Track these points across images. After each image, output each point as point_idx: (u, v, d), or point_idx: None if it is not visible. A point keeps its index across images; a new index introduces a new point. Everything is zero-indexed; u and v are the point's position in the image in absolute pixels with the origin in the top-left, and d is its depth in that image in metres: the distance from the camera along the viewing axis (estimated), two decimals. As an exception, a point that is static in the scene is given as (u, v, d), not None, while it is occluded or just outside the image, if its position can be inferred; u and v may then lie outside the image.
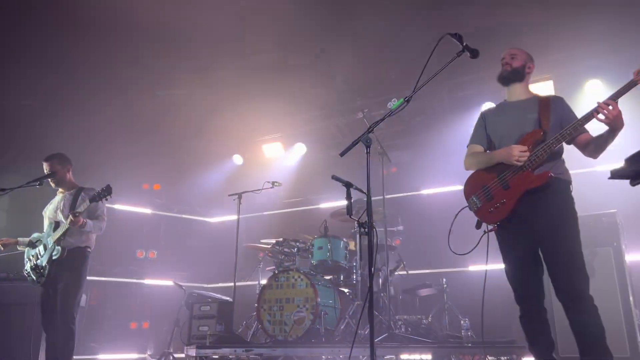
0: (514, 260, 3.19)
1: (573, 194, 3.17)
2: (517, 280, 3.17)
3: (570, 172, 3.24)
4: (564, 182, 3.15)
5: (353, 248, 6.06)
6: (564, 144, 3.16)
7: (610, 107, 2.84)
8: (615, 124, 2.89)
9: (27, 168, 6.62)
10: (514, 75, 3.36)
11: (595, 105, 2.90)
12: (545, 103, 3.23)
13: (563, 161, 3.23)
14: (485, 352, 4.23)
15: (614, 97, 2.87)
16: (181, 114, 7.90)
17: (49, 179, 4.69)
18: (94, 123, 7.38)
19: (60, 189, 4.81)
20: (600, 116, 2.88)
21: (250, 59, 6.88)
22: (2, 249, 4.73)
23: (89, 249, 4.64)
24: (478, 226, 3.28)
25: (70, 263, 4.47)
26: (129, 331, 7.80)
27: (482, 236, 3.19)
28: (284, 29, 6.35)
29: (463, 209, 3.40)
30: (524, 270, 3.14)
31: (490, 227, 3.22)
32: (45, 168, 4.73)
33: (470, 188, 3.35)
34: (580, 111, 3.23)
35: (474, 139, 3.54)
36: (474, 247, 3.21)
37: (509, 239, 3.21)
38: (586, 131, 3.12)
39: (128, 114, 7.51)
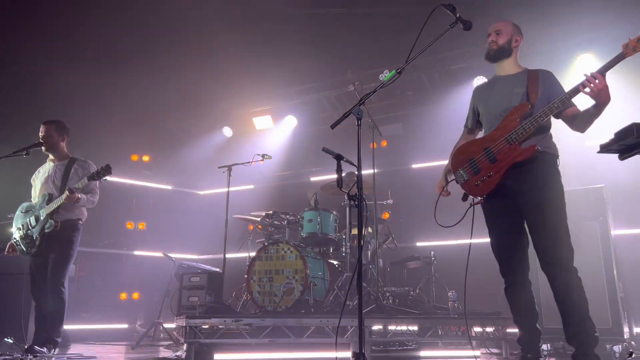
0: (500, 232, 3.23)
1: (561, 168, 3.19)
2: (502, 252, 3.22)
3: (559, 146, 3.25)
4: (550, 156, 3.17)
5: (342, 221, 6.09)
6: (552, 119, 3.17)
7: (597, 81, 2.83)
8: (601, 98, 2.88)
9: (14, 138, 6.55)
10: (501, 52, 3.35)
11: (583, 78, 2.89)
12: (533, 76, 3.22)
13: (550, 135, 3.24)
14: (471, 324, 4.31)
15: (602, 71, 2.86)
16: (171, 85, 7.80)
17: (41, 145, 4.62)
18: (83, 93, 7.28)
19: (51, 157, 4.75)
20: (587, 89, 2.87)
21: (241, 30, 6.76)
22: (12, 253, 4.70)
23: (80, 221, 4.63)
24: (464, 198, 3.31)
25: (62, 235, 4.47)
26: (118, 302, 7.83)
27: (467, 209, 3.22)
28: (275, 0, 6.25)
29: (450, 181, 3.42)
30: (509, 242, 3.19)
31: (476, 199, 3.24)
32: (41, 131, 4.67)
33: (457, 161, 3.37)
34: (572, 85, 3.23)
35: (467, 122, 3.62)
36: (460, 220, 3.23)
37: (494, 211, 3.25)
38: (573, 105, 3.12)
39: (118, 84, 7.39)
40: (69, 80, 7.13)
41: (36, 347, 4.17)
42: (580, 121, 3.10)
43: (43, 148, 4.66)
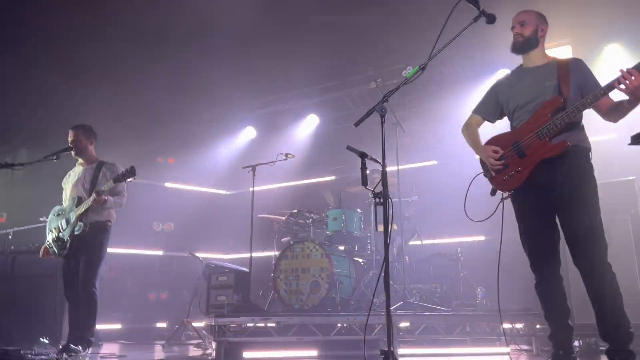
0: (531, 228, 3.17)
1: (592, 161, 3.12)
2: (533, 247, 3.16)
3: (590, 138, 3.18)
4: (583, 150, 3.09)
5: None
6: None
7: (633, 77, 2.76)
8: (636, 94, 2.81)
9: (44, 143, 6.72)
10: (527, 44, 3.27)
11: (619, 73, 2.82)
12: (564, 68, 3.13)
13: (582, 128, 3.16)
14: (501, 320, 4.25)
15: (638, 67, 2.78)
16: (194, 86, 7.88)
17: (70, 150, 4.72)
18: (108, 98, 7.41)
19: (80, 160, 4.87)
20: (622, 86, 2.80)
21: (263, 29, 6.78)
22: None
23: (109, 223, 4.72)
24: (493, 193, 3.27)
25: (92, 237, 4.56)
26: (148, 302, 7.97)
27: (498, 204, 3.18)
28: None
29: (478, 175, 3.38)
30: (540, 238, 3.13)
31: (505, 194, 3.20)
32: (70, 136, 4.79)
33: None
34: (599, 76, 3.16)
35: (478, 108, 3.51)
36: (491, 215, 3.20)
37: (525, 206, 3.19)
38: (608, 96, 3.04)
39: (143, 88, 7.50)
40: (95, 85, 7.29)
41: (71, 345, 4.27)
42: (614, 113, 3.04)
43: (72, 152, 4.77)
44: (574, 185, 3.00)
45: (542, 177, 3.05)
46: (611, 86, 2.85)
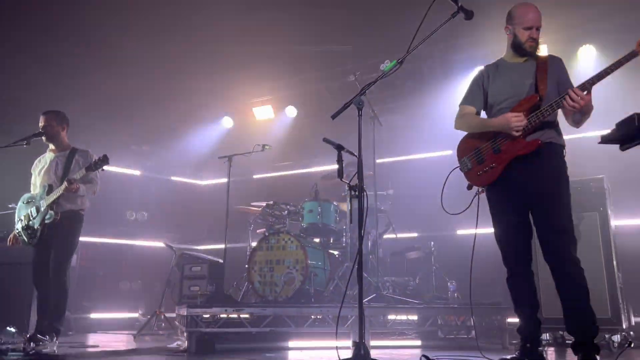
0: (504, 223, 3.22)
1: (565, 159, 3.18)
2: (506, 242, 3.21)
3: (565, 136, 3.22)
4: (557, 147, 3.14)
5: (344, 209, 6.11)
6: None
7: (580, 99, 2.85)
8: (584, 111, 2.96)
9: (14, 128, 6.54)
10: (535, 51, 3.24)
11: (589, 75, 2.89)
12: (542, 66, 3.16)
13: (557, 125, 3.20)
14: (471, 313, 4.33)
15: (582, 87, 2.87)
16: (171, 74, 7.77)
17: (41, 135, 4.60)
18: (83, 84, 7.26)
19: (51, 147, 4.73)
20: (568, 107, 2.90)
21: (241, 19, 6.71)
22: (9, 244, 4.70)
23: (82, 212, 4.62)
24: (469, 187, 3.30)
25: (64, 226, 4.46)
26: (120, 291, 7.88)
27: (473, 198, 3.22)
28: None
29: (454, 169, 3.40)
30: (514, 232, 3.18)
31: (480, 189, 3.24)
32: (41, 121, 4.65)
33: (463, 149, 3.35)
34: (573, 77, 3.21)
35: (467, 100, 3.42)
36: (466, 208, 3.24)
37: (499, 201, 3.23)
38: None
39: (117, 74, 7.36)
40: (69, 71, 7.13)
41: (38, 335, 4.20)
42: (571, 121, 3.14)
43: (43, 138, 4.64)
44: (548, 181, 3.05)
45: (517, 174, 3.10)
46: (559, 104, 2.95)
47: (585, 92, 2.89)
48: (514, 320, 3.64)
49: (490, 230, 3.28)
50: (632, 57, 2.79)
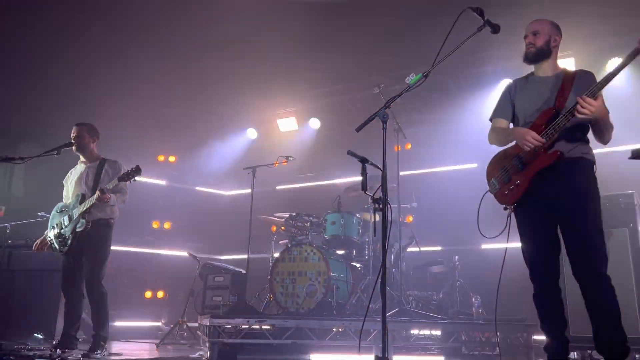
0: (532, 238, 3.16)
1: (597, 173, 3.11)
2: (533, 258, 3.16)
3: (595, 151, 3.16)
4: (587, 162, 3.09)
5: (367, 218, 6.08)
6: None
7: (587, 104, 2.83)
8: (596, 118, 2.91)
9: (45, 138, 6.72)
10: (539, 55, 3.24)
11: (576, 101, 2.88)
12: (568, 79, 3.13)
13: (587, 141, 3.15)
14: (497, 330, 4.25)
15: (601, 85, 2.87)
16: (196, 87, 7.89)
17: (72, 145, 4.71)
18: (112, 96, 7.41)
19: (82, 158, 4.86)
20: (582, 116, 2.87)
21: (266, 33, 6.79)
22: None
23: (112, 220, 4.71)
24: (505, 208, 3.25)
25: (95, 234, 4.54)
26: (143, 300, 7.96)
27: (508, 217, 3.18)
28: (301, 3, 6.26)
29: (486, 193, 3.35)
30: (542, 248, 3.12)
31: (510, 208, 3.20)
32: (73, 132, 4.78)
33: (491, 171, 3.34)
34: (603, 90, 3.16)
35: (498, 113, 3.43)
36: (503, 230, 3.18)
37: (527, 217, 3.18)
38: None
39: (145, 86, 7.51)
40: (98, 82, 7.30)
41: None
42: (596, 137, 3.09)
43: (74, 148, 4.76)
44: (577, 197, 3.00)
45: (545, 190, 3.05)
46: (572, 113, 2.92)
47: (595, 98, 2.87)
48: (541, 337, 3.55)
49: (516, 244, 3.23)
50: (635, 55, 2.84)
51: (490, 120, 3.49)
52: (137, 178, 4.45)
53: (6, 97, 7.39)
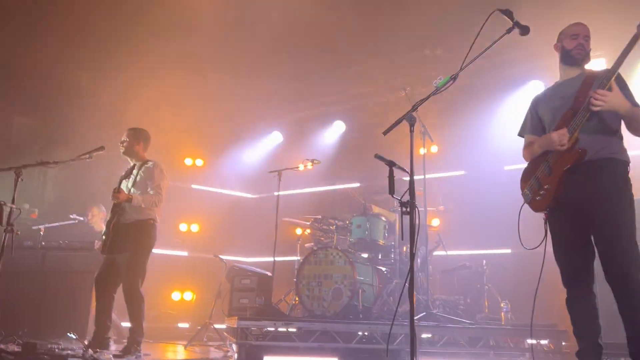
0: (564, 243, 3.11)
1: (630, 175, 3.04)
2: (566, 263, 3.10)
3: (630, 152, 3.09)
4: (619, 163, 3.01)
5: (393, 220, 6.05)
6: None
7: (602, 96, 2.83)
8: (615, 108, 2.89)
9: (74, 143, 6.88)
10: (584, 60, 3.22)
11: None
12: (588, 80, 3.08)
13: (619, 140, 3.09)
14: (526, 335, 4.19)
15: (610, 75, 2.89)
16: (222, 90, 7.98)
17: (102, 149, 4.77)
18: (140, 101, 7.54)
19: (130, 160, 4.92)
20: (596, 108, 2.85)
21: (290, 36, 6.83)
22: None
23: (152, 221, 4.72)
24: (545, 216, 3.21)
25: (130, 235, 4.57)
26: (171, 302, 8.07)
27: (545, 225, 3.14)
28: (328, 4, 6.28)
29: (523, 205, 3.30)
30: (574, 253, 3.07)
31: (544, 214, 3.16)
32: (123, 135, 4.89)
33: (524, 180, 3.31)
34: (634, 90, 3.10)
35: (526, 129, 3.42)
36: (542, 242, 3.13)
37: (558, 221, 3.13)
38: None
39: (173, 90, 7.63)
40: (127, 87, 7.44)
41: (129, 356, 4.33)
42: (630, 129, 3.04)
43: (122, 150, 4.86)
44: (608, 200, 2.93)
45: (575, 192, 2.99)
46: (587, 108, 2.91)
47: (607, 87, 2.88)
48: (571, 343, 3.48)
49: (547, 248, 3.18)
50: (635, 41, 2.91)
51: (520, 136, 3.48)
52: (169, 181, 4.50)
53: (40, 102, 7.60)
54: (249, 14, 6.40)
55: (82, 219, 6.52)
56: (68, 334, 5.11)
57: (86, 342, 4.54)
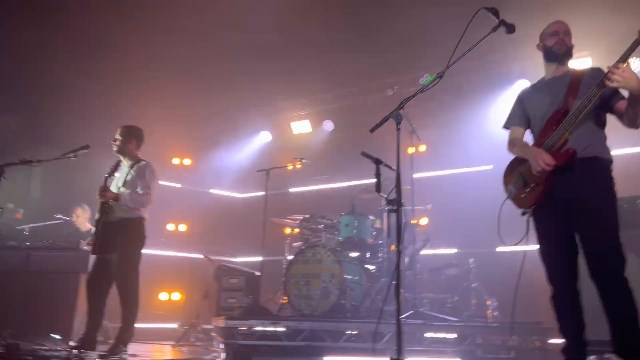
0: (549, 240, 3.12)
1: (614, 174, 3.06)
2: (551, 260, 3.12)
3: (612, 151, 3.09)
4: (603, 161, 3.03)
5: (379, 226, 6.06)
6: (607, 116, 3.05)
7: (621, 70, 2.74)
8: (631, 86, 2.75)
9: (62, 142, 6.80)
10: (566, 55, 3.21)
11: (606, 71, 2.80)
12: (576, 78, 3.09)
13: (604, 139, 3.11)
14: (512, 333, 4.21)
15: (623, 60, 2.78)
16: (211, 90, 7.95)
17: (87, 149, 4.70)
18: (128, 100, 7.49)
19: (123, 159, 4.81)
20: (614, 83, 2.76)
21: (279, 33, 6.83)
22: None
23: (141, 219, 4.64)
24: (523, 213, 3.21)
25: (120, 234, 4.51)
26: (158, 302, 8.02)
27: (527, 222, 3.14)
28: (314, 5, 6.28)
29: (505, 200, 3.31)
30: (559, 250, 3.08)
31: (527, 211, 3.16)
32: (116, 133, 4.77)
33: (508, 176, 3.31)
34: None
35: (512, 121, 3.40)
36: (524, 236, 3.14)
37: (543, 219, 3.14)
38: (623, 98, 2.97)
39: (160, 90, 7.58)
40: (115, 86, 7.38)
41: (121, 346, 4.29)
42: (627, 117, 2.95)
43: (114, 149, 4.76)
44: (592, 198, 2.94)
45: (560, 191, 3.01)
46: (601, 85, 2.83)
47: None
48: (558, 340, 3.50)
49: (531, 247, 3.19)
50: (636, 46, 2.80)
51: (505, 128, 3.45)
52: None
53: (24, 101, 7.51)
54: (236, 13, 6.38)
55: (67, 218, 6.45)
56: (51, 334, 5.05)
57: (71, 343, 4.49)
